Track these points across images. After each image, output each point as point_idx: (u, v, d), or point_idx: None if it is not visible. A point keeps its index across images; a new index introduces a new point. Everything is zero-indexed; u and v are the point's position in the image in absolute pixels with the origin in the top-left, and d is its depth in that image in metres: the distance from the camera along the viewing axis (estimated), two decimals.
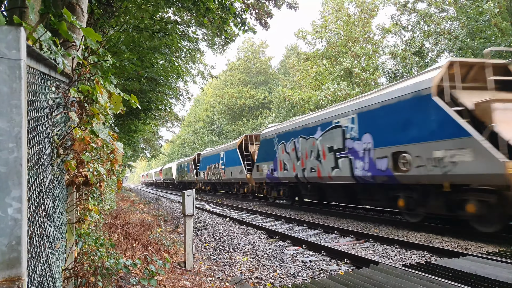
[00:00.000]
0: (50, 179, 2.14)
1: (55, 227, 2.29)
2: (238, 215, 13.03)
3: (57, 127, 2.44)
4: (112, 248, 4.17)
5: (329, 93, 25.69)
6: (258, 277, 5.15)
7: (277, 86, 41.66)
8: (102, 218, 5.61)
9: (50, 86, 2.10)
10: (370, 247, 6.98)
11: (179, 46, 9.14)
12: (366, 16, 30.27)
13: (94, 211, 3.47)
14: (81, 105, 3.00)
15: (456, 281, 4.01)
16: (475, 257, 5.20)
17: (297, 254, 6.55)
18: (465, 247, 6.66)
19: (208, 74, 15.90)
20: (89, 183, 2.87)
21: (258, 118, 41.10)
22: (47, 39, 1.85)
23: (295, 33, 32.55)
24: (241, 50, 53.30)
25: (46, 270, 1.90)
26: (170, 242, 6.91)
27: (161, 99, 12.46)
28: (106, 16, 5.25)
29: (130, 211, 11.92)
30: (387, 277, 4.15)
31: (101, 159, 3.15)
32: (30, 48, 1.32)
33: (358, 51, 26.76)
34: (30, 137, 1.49)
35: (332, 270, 5.40)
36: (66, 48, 2.68)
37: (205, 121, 55.26)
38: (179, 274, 4.98)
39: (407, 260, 5.83)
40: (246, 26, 6.93)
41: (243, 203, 18.45)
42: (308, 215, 12.17)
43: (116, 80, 7.81)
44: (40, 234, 1.76)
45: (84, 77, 3.06)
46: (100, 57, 3.30)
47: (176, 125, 22.96)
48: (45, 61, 1.73)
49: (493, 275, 4.26)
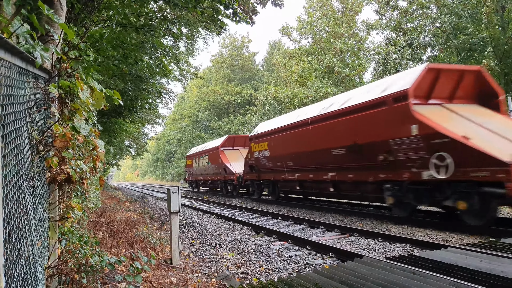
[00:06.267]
0: (30, 176, 2.11)
1: (37, 224, 2.25)
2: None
3: (37, 123, 2.40)
4: (97, 246, 4.12)
5: (310, 92, 25.88)
6: (244, 272, 5.17)
7: (262, 83, 41.63)
8: (87, 216, 5.53)
9: (28, 81, 2.06)
10: (355, 241, 7.07)
11: (162, 44, 9.03)
12: (350, 13, 30.48)
13: (77, 209, 3.42)
14: (62, 101, 2.95)
15: (437, 272, 4.10)
16: (456, 248, 5.32)
17: (283, 249, 6.59)
18: (446, 239, 6.81)
19: (193, 74, 15.83)
20: (71, 180, 2.83)
21: (247, 115, 41.00)
22: (23, 32, 1.81)
23: (280, 29, 32.56)
24: (224, 47, 53.02)
25: (27, 268, 1.87)
26: (156, 239, 6.87)
27: (146, 97, 12.31)
28: (87, 10, 5.16)
29: (116, 209, 11.77)
30: (371, 270, 4.22)
31: (83, 156, 3.10)
32: (3, 40, 1.29)
33: (341, 46, 26.91)
34: (7, 132, 1.47)
35: (317, 264, 5.46)
36: (44, 42, 2.63)
37: (190, 119, 54.89)
38: (165, 271, 4.96)
39: (391, 253, 5.94)
40: (238, 16, 6.79)
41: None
42: (294, 211, 12.26)
43: (100, 77, 7.69)
44: (20, 231, 1.73)
45: (65, 73, 3.01)
46: (81, 52, 3.25)
47: (160, 122, 22.71)
48: (21, 54, 1.69)
49: (473, 265, 4.36)
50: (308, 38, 31.36)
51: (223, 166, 20.81)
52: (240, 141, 22.63)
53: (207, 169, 24.25)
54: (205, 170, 24.99)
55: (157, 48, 9.02)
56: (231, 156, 21.30)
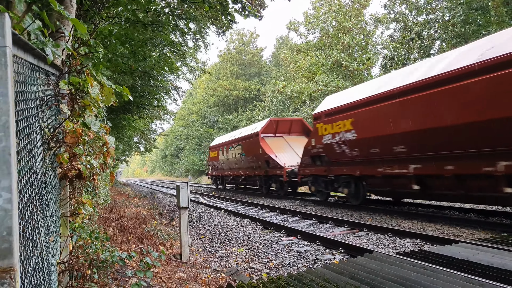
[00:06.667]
0: (42, 172, 2.12)
1: (49, 220, 2.27)
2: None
3: (48, 120, 2.41)
4: (107, 242, 4.16)
5: (320, 86, 25.69)
6: (254, 267, 5.18)
7: (270, 79, 41.48)
8: (97, 212, 5.59)
9: (39, 77, 2.07)
10: (364, 236, 7.04)
11: (170, 38, 9.03)
12: (358, 7, 30.18)
13: (88, 204, 3.45)
14: (73, 98, 2.97)
15: (448, 267, 4.07)
16: (467, 243, 5.27)
17: (292, 244, 6.59)
18: (457, 234, 6.75)
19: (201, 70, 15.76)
20: (82, 176, 2.85)
21: (254, 110, 40.92)
22: (34, 29, 1.81)
23: (287, 25, 32.37)
24: (231, 42, 52.93)
25: (40, 263, 1.89)
26: (165, 235, 6.91)
27: (154, 93, 12.36)
28: (96, 7, 5.17)
29: (125, 205, 11.89)
30: (381, 265, 4.19)
31: (93, 152, 3.13)
32: (16, 37, 1.29)
33: (349, 41, 26.70)
34: (20, 128, 1.47)
35: (327, 259, 5.45)
36: (55, 39, 2.64)
37: (198, 114, 55.03)
38: (175, 266, 4.99)
39: (401, 248, 5.90)
40: (247, 10, 6.71)
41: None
42: (302, 206, 12.25)
43: (108, 73, 7.72)
44: (33, 227, 1.75)
45: (76, 69, 3.02)
46: (91, 48, 3.26)
47: (168, 118, 22.70)
48: (33, 51, 1.70)
49: (485, 261, 4.32)
50: (316, 32, 31.18)
51: (264, 158, 16.41)
52: (284, 126, 18.10)
53: (239, 162, 19.69)
54: (236, 164, 20.46)
55: (165, 44, 9.03)
56: (275, 145, 16.85)
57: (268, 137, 17.37)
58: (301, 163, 13.28)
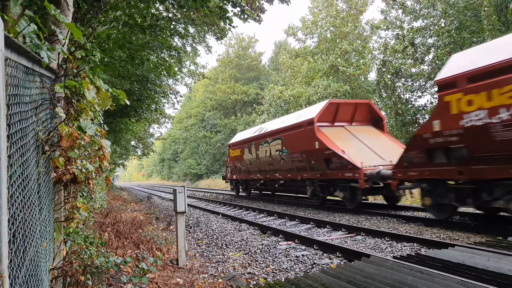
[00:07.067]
0: (36, 177, 2.10)
1: (42, 225, 2.25)
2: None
3: (43, 123, 2.39)
4: (103, 247, 4.13)
5: (319, 89, 25.73)
6: (251, 272, 5.15)
7: (269, 83, 41.53)
8: (92, 217, 5.55)
9: (34, 81, 2.05)
10: (361, 240, 7.02)
11: (170, 43, 9.03)
12: (355, 12, 30.35)
13: (83, 209, 3.42)
14: (68, 101, 2.95)
15: (445, 271, 4.06)
16: (463, 247, 5.27)
17: (290, 248, 6.57)
18: (453, 238, 6.75)
19: (200, 74, 15.74)
20: (77, 181, 2.82)
21: (252, 114, 40.89)
22: (30, 32, 1.80)
23: (285, 30, 32.47)
24: (230, 47, 53.06)
25: (32, 269, 1.86)
26: (162, 240, 6.87)
27: (152, 97, 12.34)
28: (94, 11, 5.17)
29: (121, 209, 11.82)
30: (378, 269, 4.18)
31: (89, 156, 3.10)
32: (9, 39, 1.28)
33: (346, 47, 26.80)
34: (12, 132, 1.45)
35: (324, 263, 5.42)
36: (51, 42, 2.63)
37: (196, 118, 55.01)
38: (171, 272, 4.95)
39: (398, 252, 5.89)
40: (246, 14, 6.71)
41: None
42: (300, 210, 12.22)
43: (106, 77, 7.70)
44: (24, 232, 1.73)
45: (72, 73, 3.00)
46: (88, 52, 3.24)
47: (166, 122, 22.65)
48: (27, 54, 1.69)
49: (481, 264, 4.32)
50: (314, 38, 31.30)
51: (323, 155, 11.84)
52: (346, 111, 13.41)
53: (277, 162, 14.97)
54: (271, 164, 15.65)
55: (163, 48, 9.03)
56: (336, 137, 12.27)
57: (325, 126, 12.80)
58: (400, 161, 8.93)
